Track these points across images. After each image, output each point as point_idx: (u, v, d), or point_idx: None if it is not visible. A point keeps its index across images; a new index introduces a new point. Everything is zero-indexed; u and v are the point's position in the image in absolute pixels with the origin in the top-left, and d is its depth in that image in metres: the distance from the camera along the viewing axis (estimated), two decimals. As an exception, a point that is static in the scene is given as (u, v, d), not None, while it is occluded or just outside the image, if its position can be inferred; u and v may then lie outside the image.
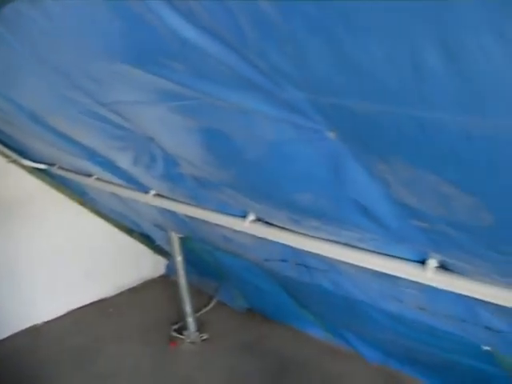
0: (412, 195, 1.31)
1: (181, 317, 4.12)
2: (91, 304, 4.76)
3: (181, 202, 2.85)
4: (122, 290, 4.97)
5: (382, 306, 2.42)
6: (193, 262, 4.17)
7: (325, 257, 2.16)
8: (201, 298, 4.51)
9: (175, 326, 4.16)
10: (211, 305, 4.47)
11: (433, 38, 0.79)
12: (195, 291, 4.25)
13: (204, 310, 4.38)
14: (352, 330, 3.37)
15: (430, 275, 1.71)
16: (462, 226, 1.27)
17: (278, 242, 2.37)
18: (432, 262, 1.71)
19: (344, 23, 0.90)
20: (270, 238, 2.34)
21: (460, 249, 1.44)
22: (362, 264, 1.94)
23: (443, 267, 1.72)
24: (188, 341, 4.02)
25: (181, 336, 4.05)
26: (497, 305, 1.66)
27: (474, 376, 2.77)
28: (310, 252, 2.23)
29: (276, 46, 1.06)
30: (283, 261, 2.69)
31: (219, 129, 1.67)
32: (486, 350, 2.34)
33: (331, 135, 1.31)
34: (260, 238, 2.46)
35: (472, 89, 0.82)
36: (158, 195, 3.01)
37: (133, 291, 5.00)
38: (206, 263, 4.17)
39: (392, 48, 0.87)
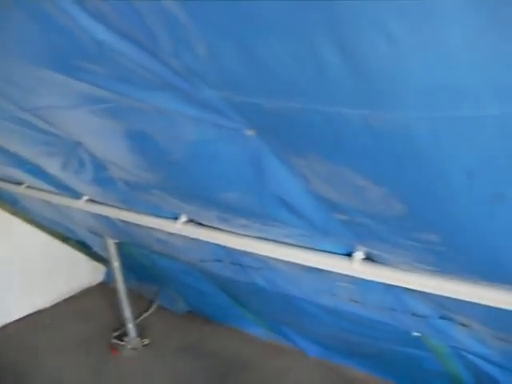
0: (330, 189, 1.35)
1: (121, 323, 4.05)
2: (27, 316, 4.60)
3: (113, 206, 2.81)
4: (60, 300, 4.83)
5: (316, 300, 2.46)
6: (131, 267, 4.12)
7: (257, 254, 2.19)
8: (141, 303, 4.45)
9: (116, 333, 4.09)
10: (152, 309, 4.42)
11: (329, 36, 0.82)
12: (135, 297, 4.19)
13: (144, 315, 4.32)
14: (292, 326, 3.41)
15: (356, 267, 1.76)
16: (378, 216, 1.32)
17: (211, 243, 2.38)
18: (358, 255, 1.76)
19: (249, 23, 0.92)
20: (203, 238, 2.35)
21: (380, 239, 1.49)
22: (291, 260, 1.98)
23: (369, 259, 1.77)
24: (129, 347, 3.96)
25: (122, 343, 3.98)
26: (421, 292, 1.73)
27: (407, 362, 2.87)
28: (242, 250, 2.25)
29: (186, 46, 1.07)
30: (218, 261, 2.70)
31: (142, 131, 1.66)
32: (416, 336, 2.42)
33: (250, 133, 1.34)
34: (193, 239, 2.46)
35: (367, 84, 0.86)
36: (91, 201, 2.96)
37: (71, 300, 4.87)
38: (145, 268, 4.12)
39: (293, 46, 0.89)
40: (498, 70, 0.73)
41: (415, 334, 2.41)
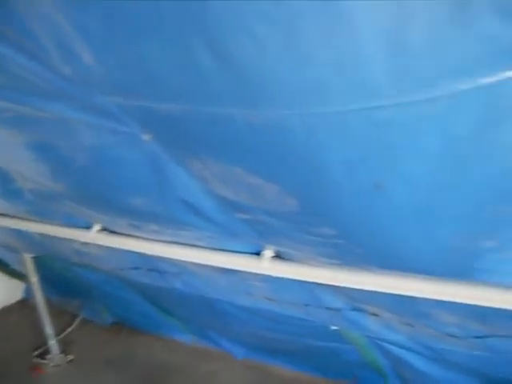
0: (228, 189, 1.38)
1: (43, 341, 3.92)
2: None
3: (25, 219, 2.73)
4: (-24, 321, 4.62)
5: (235, 301, 2.49)
6: (52, 281, 4.00)
7: (173, 259, 2.20)
8: (64, 318, 4.33)
9: (37, 352, 3.96)
10: (75, 324, 4.30)
11: (202, 41, 0.85)
12: (57, 312, 4.07)
13: (68, 330, 4.20)
14: (217, 330, 3.42)
15: (266, 266, 1.80)
16: (276, 213, 1.36)
17: (127, 250, 2.36)
18: (267, 253, 1.80)
19: (125, 30, 0.93)
20: (117, 246, 2.33)
21: (283, 236, 1.54)
22: (203, 262, 2.00)
23: (278, 257, 1.82)
24: (52, 365, 3.84)
25: (44, 361, 3.85)
26: (331, 285, 1.79)
27: (330, 356, 2.95)
28: (158, 256, 2.25)
29: (73, 55, 1.07)
30: (136, 268, 2.68)
31: (45, 139, 1.64)
32: (335, 330, 2.50)
33: (146, 138, 1.34)
34: (109, 247, 2.43)
35: (243, 84, 0.89)
36: (2, 215, 2.86)
37: (-13, 322, 4.67)
38: (66, 281, 4.01)
39: (171, 51, 0.92)
40: (356, 66, 0.78)
41: (333, 327, 2.48)
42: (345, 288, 1.77)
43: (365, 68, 0.77)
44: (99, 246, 2.50)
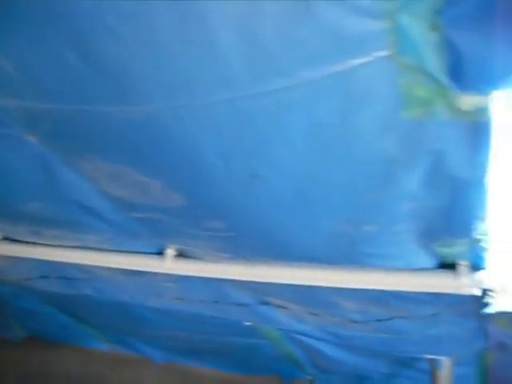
0: (119, 188, 1.37)
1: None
2: None
3: None
4: None
5: (146, 303, 2.46)
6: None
7: (80, 265, 2.15)
8: (-26, 337, 4.13)
9: None
10: (-15, 342, 4.11)
11: (68, 43, 0.84)
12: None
13: (-22, 349, 4.01)
14: (133, 335, 3.37)
15: (169, 265, 1.80)
16: (166, 210, 1.37)
17: (31, 259, 2.29)
18: (170, 252, 1.79)
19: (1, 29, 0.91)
20: (21, 255, 2.25)
21: (179, 233, 1.55)
22: (108, 265, 1.97)
23: (182, 255, 1.82)
24: (-38, 386, 3.65)
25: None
26: (237, 280, 1.81)
27: (247, 352, 2.97)
28: (64, 262, 2.19)
29: None
30: (44, 277, 2.60)
31: None
32: (248, 325, 2.52)
33: (32, 139, 1.31)
34: (12, 257, 2.35)
35: (113, 81, 0.89)
36: None
37: None
38: (-27, 298, 3.83)
39: (41, 51, 0.91)
40: (214, 59, 0.80)
41: (246, 323, 2.50)
42: (250, 282, 1.80)
43: (222, 60, 0.80)
44: (2, 257, 2.41)
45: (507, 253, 1.50)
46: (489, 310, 1.57)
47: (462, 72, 0.79)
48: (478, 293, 1.51)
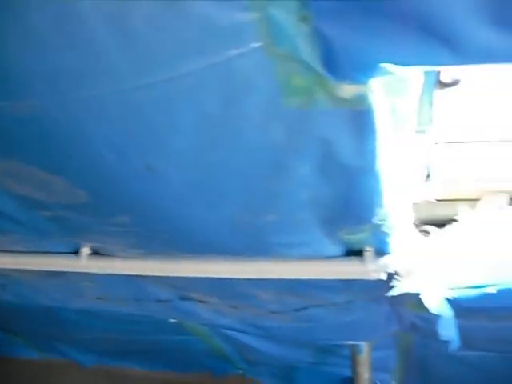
0: (24, 186, 1.35)
1: None
2: None
3: None
4: None
5: (68, 305, 2.42)
6: None
7: (-3, 269, 2.09)
8: None
9: None
10: None
11: None
12: None
13: None
14: (60, 339, 3.30)
15: (84, 263, 1.78)
16: (72, 207, 1.36)
17: None
18: (85, 250, 1.78)
19: None
20: None
21: (89, 231, 1.54)
22: (23, 267, 1.93)
23: (97, 253, 1.80)
24: None
25: None
26: (155, 276, 1.82)
27: (177, 349, 2.97)
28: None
29: None
30: (-42, 285, 2.51)
31: None
32: (174, 322, 2.53)
33: None
34: None
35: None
36: None
37: None
38: None
39: None
40: (93, 53, 0.81)
41: (171, 320, 2.51)
42: (168, 278, 1.81)
43: (101, 54, 0.81)
44: None
45: (409, 236, 1.57)
46: (395, 293, 1.62)
47: (336, 62, 0.83)
48: (385, 277, 1.56)
